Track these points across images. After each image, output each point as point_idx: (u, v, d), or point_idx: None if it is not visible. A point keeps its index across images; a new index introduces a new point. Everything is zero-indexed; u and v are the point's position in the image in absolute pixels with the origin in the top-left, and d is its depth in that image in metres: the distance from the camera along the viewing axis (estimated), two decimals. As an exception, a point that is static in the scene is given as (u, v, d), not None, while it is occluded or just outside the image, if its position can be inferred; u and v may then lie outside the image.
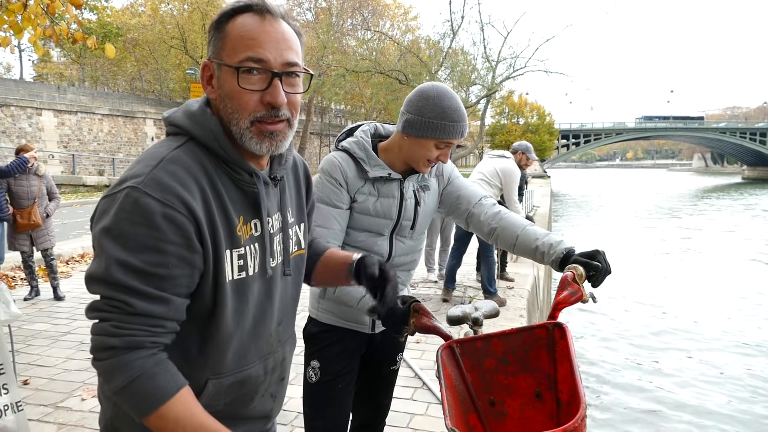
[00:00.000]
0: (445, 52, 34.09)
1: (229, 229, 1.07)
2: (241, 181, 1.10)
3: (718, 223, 26.98)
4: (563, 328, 1.43)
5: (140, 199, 0.96)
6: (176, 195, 0.98)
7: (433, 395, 3.53)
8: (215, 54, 1.07)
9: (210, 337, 1.10)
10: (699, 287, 13.55)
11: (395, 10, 50.09)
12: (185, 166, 1.02)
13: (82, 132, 28.22)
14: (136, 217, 0.96)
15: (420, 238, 1.95)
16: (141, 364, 0.97)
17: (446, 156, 1.77)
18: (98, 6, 36.55)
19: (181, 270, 1.00)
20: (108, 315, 0.98)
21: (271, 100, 1.05)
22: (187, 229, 0.99)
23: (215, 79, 1.09)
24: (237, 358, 1.15)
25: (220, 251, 1.05)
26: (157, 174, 0.99)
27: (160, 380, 0.98)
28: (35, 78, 44.47)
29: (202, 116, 1.08)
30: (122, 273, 0.96)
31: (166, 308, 1.00)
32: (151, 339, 0.99)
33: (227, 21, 1.06)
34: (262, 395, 1.24)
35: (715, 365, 8.54)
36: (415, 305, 1.56)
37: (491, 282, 5.84)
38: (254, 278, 1.13)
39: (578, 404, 1.23)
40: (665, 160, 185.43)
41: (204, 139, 1.07)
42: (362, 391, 2.04)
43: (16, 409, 2.59)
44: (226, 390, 1.15)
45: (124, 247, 0.96)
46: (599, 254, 1.60)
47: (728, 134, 75.58)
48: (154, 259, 0.97)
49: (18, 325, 4.85)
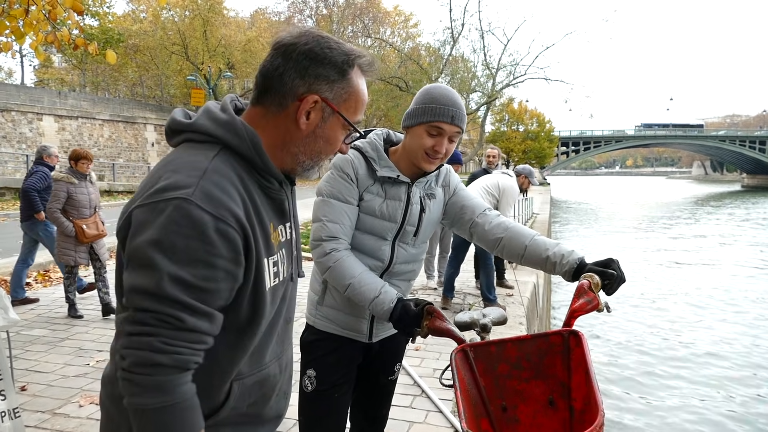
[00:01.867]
0: (446, 59, 34.21)
1: (265, 237, 1.09)
2: (270, 188, 1.12)
3: (718, 230, 26.96)
4: (579, 336, 1.43)
5: (193, 212, 0.95)
6: (227, 209, 0.98)
7: (432, 403, 3.51)
8: (335, 100, 1.11)
9: (242, 343, 1.11)
10: (699, 293, 13.52)
11: (396, 18, 50.28)
12: (228, 177, 1.02)
13: (82, 137, 28.26)
14: (188, 230, 0.94)
15: (422, 247, 1.94)
16: (182, 391, 0.96)
17: (441, 145, 1.72)
18: (100, 12, 36.68)
19: (226, 284, 1.01)
20: (156, 330, 0.94)
21: (344, 151, 1.20)
22: (237, 244, 1.00)
23: (316, 115, 1.11)
24: (257, 358, 1.17)
25: (261, 261, 1.07)
26: (206, 186, 0.98)
27: (190, 417, 0.97)
28: (36, 83, 44.55)
29: (238, 126, 1.08)
30: (174, 287, 0.94)
31: (210, 324, 0.99)
32: (195, 359, 0.98)
33: (350, 70, 1.12)
34: (277, 394, 1.27)
35: (714, 369, 8.51)
36: (429, 307, 1.56)
37: (490, 289, 5.83)
38: (284, 283, 1.17)
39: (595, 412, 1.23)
40: (665, 168, 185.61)
41: (242, 149, 1.07)
42: (360, 401, 2.03)
43: (13, 416, 2.57)
44: (249, 390, 1.17)
45: (176, 261, 0.94)
46: (613, 263, 1.60)
47: (728, 142, 75.70)
48: (204, 274, 0.96)
49: (16, 331, 4.83)
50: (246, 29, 41.70)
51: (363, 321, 1.86)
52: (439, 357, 4.32)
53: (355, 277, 1.69)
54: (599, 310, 1.54)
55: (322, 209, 1.77)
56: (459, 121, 1.73)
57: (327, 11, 43.20)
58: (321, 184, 1.82)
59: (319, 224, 1.76)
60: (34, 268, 7.61)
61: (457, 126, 1.73)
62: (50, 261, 7.95)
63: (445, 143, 1.74)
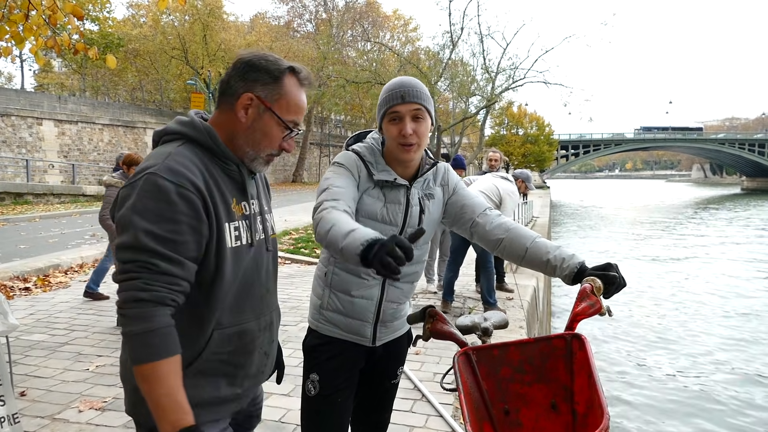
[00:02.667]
0: (445, 63, 34.23)
1: (225, 205, 1.36)
2: (231, 170, 1.41)
3: (719, 234, 26.96)
4: (582, 340, 1.43)
5: (158, 181, 1.24)
6: (186, 178, 1.27)
7: (432, 407, 3.51)
8: (268, 99, 1.38)
9: (215, 294, 1.36)
10: (700, 296, 13.52)
11: (395, 22, 50.39)
12: (189, 158, 1.32)
13: (82, 142, 28.27)
14: (155, 195, 1.23)
15: (424, 249, 1.93)
16: (160, 320, 1.20)
17: (405, 128, 1.70)
18: (100, 17, 36.78)
19: (192, 237, 1.27)
20: (137, 275, 1.21)
21: (286, 147, 1.45)
22: (196, 204, 1.27)
23: (253, 111, 1.38)
24: (235, 313, 1.42)
25: (222, 223, 1.34)
26: (168, 163, 1.28)
27: (166, 340, 1.20)
28: (36, 88, 44.61)
29: (193, 122, 1.39)
30: (148, 240, 1.21)
31: (181, 269, 1.25)
32: (171, 296, 1.23)
33: (283, 77, 1.39)
34: (258, 351, 1.51)
35: (716, 371, 8.50)
36: (431, 310, 1.56)
37: (491, 293, 5.82)
38: (246, 248, 1.42)
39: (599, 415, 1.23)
40: (664, 171, 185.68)
41: (201, 140, 1.37)
42: (362, 405, 2.02)
43: (12, 421, 2.57)
44: (229, 339, 1.41)
45: (148, 219, 1.22)
46: (612, 267, 1.60)
47: (727, 145, 75.76)
48: (172, 228, 1.23)
49: (16, 336, 4.83)
50: (246, 33, 41.75)
51: (367, 325, 1.85)
52: (439, 361, 4.31)
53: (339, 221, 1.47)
54: (602, 314, 1.54)
55: (329, 180, 1.73)
56: (411, 97, 1.72)
57: (326, 15, 43.25)
58: (324, 176, 1.82)
59: (326, 191, 1.67)
60: (35, 272, 7.60)
61: (412, 102, 1.71)
62: (50, 266, 7.95)
63: (409, 124, 1.72)
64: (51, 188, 21.20)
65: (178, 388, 1.19)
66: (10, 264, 8.11)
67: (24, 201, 19.38)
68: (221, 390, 1.42)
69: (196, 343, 1.36)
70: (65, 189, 21.62)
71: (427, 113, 1.76)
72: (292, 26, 47.14)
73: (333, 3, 43.63)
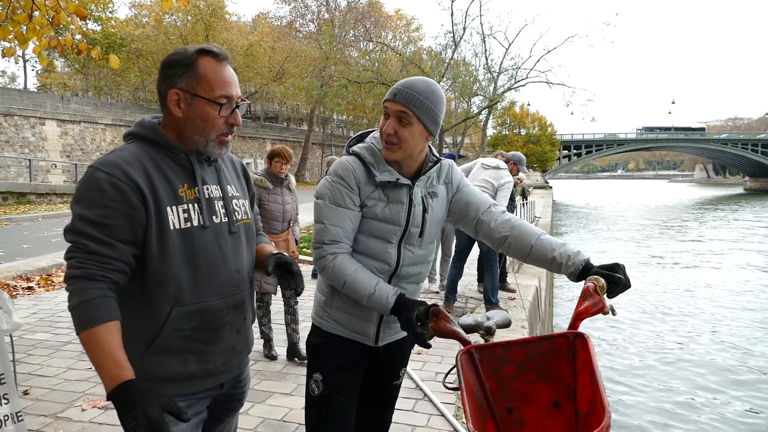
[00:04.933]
0: (447, 63, 34.21)
1: (171, 191, 1.45)
2: (180, 159, 1.50)
3: (722, 234, 26.90)
4: (584, 338, 1.43)
5: (94, 173, 1.38)
6: (119, 168, 1.38)
7: (434, 407, 3.51)
8: (190, 87, 1.46)
9: (165, 275, 1.43)
10: (703, 296, 13.49)
11: (397, 22, 50.36)
12: (131, 151, 1.45)
13: (85, 142, 28.32)
14: (91, 184, 1.37)
15: (429, 248, 1.92)
16: (92, 293, 1.31)
17: (387, 126, 1.73)
18: (102, 17, 36.80)
19: (123, 221, 1.37)
20: (73, 254, 1.35)
21: (234, 122, 1.53)
22: (125, 191, 1.37)
23: (184, 103, 1.47)
24: (196, 291, 1.48)
25: (162, 207, 1.42)
26: (109, 157, 1.42)
27: (100, 309, 1.31)
28: (39, 88, 44.68)
29: (143, 122, 1.53)
30: (81, 223, 1.35)
31: (111, 250, 1.35)
32: (101, 273, 1.33)
33: (195, 62, 1.46)
34: (228, 328, 1.57)
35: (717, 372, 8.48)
36: (434, 309, 1.57)
37: (494, 292, 5.82)
38: (199, 229, 1.48)
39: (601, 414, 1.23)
40: (667, 171, 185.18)
41: (147, 135, 1.49)
42: (364, 405, 2.01)
43: (16, 420, 2.57)
44: (189, 316, 1.47)
45: (83, 206, 1.36)
46: (619, 267, 1.60)
47: (730, 145, 75.49)
48: (103, 213, 1.35)
49: (19, 335, 4.84)
50: (248, 33, 41.79)
51: (370, 324, 1.85)
52: (441, 360, 4.31)
53: (349, 275, 1.71)
54: (605, 313, 1.54)
55: (324, 213, 1.77)
56: (401, 98, 1.70)
57: (329, 15, 43.21)
58: (320, 188, 1.82)
59: (321, 227, 1.76)
60: (37, 271, 7.62)
61: (399, 103, 1.70)
62: (53, 265, 7.97)
63: (392, 123, 1.72)
64: (54, 188, 21.25)
65: (117, 349, 1.28)
66: (14, 263, 8.13)
67: (27, 201, 19.42)
68: (189, 366, 1.50)
69: (155, 320, 1.44)
70: (68, 189, 21.64)
71: (416, 119, 1.71)
72: (295, 26, 47.15)
73: (335, 3, 43.62)
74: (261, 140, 41.34)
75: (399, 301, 1.68)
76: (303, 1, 46.10)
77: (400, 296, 1.70)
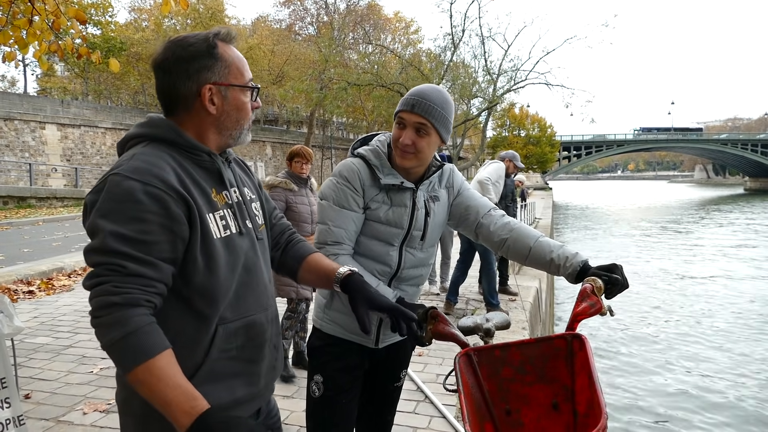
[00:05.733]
0: (446, 65, 34.26)
1: (205, 196, 1.29)
2: (203, 161, 1.33)
3: (722, 235, 26.90)
4: (582, 340, 1.44)
5: (123, 182, 1.16)
6: (154, 175, 1.19)
7: (435, 409, 3.51)
8: (222, 78, 1.31)
9: (211, 290, 1.27)
10: (703, 297, 13.49)
11: (396, 24, 50.44)
12: (156, 155, 1.24)
13: (85, 145, 28.34)
14: (122, 196, 1.16)
15: (430, 251, 1.94)
16: (138, 321, 1.11)
17: (405, 137, 1.73)
18: (102, 21, 36.85)
19: (164, 236, 1.18)
20: (107, 278, 1.13)
21: (257, 106, 1.41)
22: (165, 201, 1.18)
23: (218, 98, 1.32)
24: (239, 305, 1.34)
25: (203, 214, 1.25)
26: (133, 163, 1.20)
27: (151, 338, 1.12)
28: (39, 92, 44.73)
29: (154, 122, 1.33)
30: (115, 241, 1.13)
31: (153, 270, 1.16)
32: (145, 297, 1.14)
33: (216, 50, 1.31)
34: (269, 345, 1.43)
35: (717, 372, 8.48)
36: (432, 312, 1.57)
37: (493, 294, 5.83)
38: (238, 236, 1.34)
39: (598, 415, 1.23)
40: (667, 172, 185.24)
41: (164, 136, 1.29)
42: (366, 407, 2.02)
43: (18, 424, 2.58)
44: (235, 333, 1.33)
45: (114, 221, 1.14)
46: (617, 268, 1.61)
47: (729, 145, 75.52)
48: (140, 228, 1.15)
49: (20, 339, 4.84)
50: (247, 37, 41.82)
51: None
52: (442, 362, 4.32)
53: None
54: (602, 314, 1.54)
55: (328, 213, 1.78)
56: (420, 109, 1.71)
57: (328, 18, 43.30)
58: (324, 189, 1.83)
59: (325, 228, 1.77)
60: (38, 275, 7.63)
61: (418, 115, 1.71)
62: (54, 269, 7.97)
63: (409, 134, 1.73)
64: (54, 192, 21.27)
65: (182, 378, 1.11)
66: (14, 267, 8.13)
67: (27, 205, 19.44)
68: (237, 391, 1.34)
69: (201, 344, 1.28)
70: (68, 192, 21.68)
71: (433, 129, 1.74)
72: (294, 29, 47.22)
73: (334, 6, 43.72)
74: (261, 143, 41.35)
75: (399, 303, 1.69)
76: (302, 4, 46.23)
77: (400, 300, 1.71)
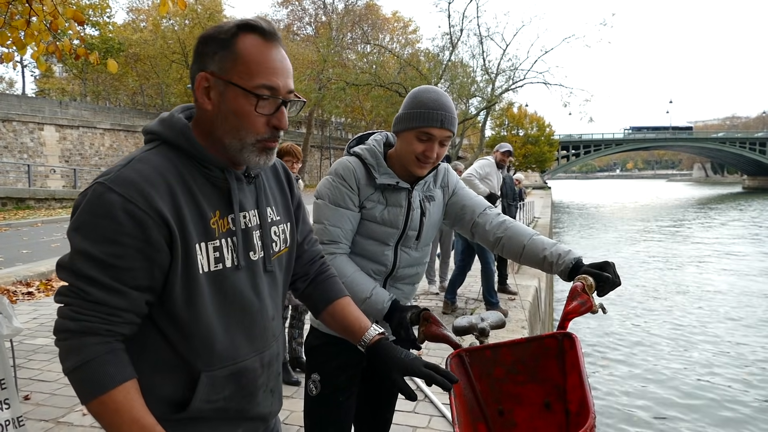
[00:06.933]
0: (445, 65, 34.25)
1: (202, 223, 1.10)
2: (214, 177, 1.14)
3: (720, 233, 26.92)
4: (573, 338, 1.43)
5: (105, 194, 1.01)
6: (138, 191, 1.02)
7: (435, 408, 3.51)
8: (223, 71, 1.09)
9: (192, 329, 1.11)
10: (700, 295, 13.50)
11: (395, 24, 50.48)
12: (153, 165, 1.07)
13: (83, 146, 28.32)
14: (99, 210, 1.01)
15: (425, 251, 1.95)
16: (94, 349, 1.01)
17: (432, 150, 1.72)
18: (100, 22, 36.81)
19: (140, 263, 1.04)
20: (69, 300, 1.03)
21: (277, 125, 1.13)
22: (145, 223, 1.02)
23: (215, 93, 1.11)
24: (229, 350, 1.16)
25: (190, 244, 1.08)
26: (125, 172, 1.04)
27: (110, 368, 1.01)
28: (37, 93, 44.64)
29: (171, 120, 1.14)
30: (83, 263, 1.01)
31: (120, 299, 1.03)
32: (105, 327, 1.03)
33: (234, 39, 1.09)
34: (263, 390, 1.26)
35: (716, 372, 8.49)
36: (425, 314, 1.58)
37: (491, 293, 5.84)
38: (232, 270, 1.15)
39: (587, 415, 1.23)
40: (665, 171, 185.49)
41: (176, 141, 1.12)
42: (364, 405, 2.03)
43: (17, 425, 2.58)
44: (223, 382, 1.16)
45: (86, 237, 1.01)
46: (609, 266, 1.61)
47: (728, 144, 75.62)
48: (113, 251, 1.01)
49: (19, 340, 4.84)
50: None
51: None
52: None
53: (348, 276, 1.73)
54: (593, 312, 1.54)
55: (324, 212, 1.79)
56: (449, 124, 1.72)
57: (326, 18, 43.31)
58: (320, 187, 1.83)
59: (321, 227, 1.78)
60: (37, 276, 7.62)
61: (447, 130, 1.72)
62: (53, 270, 7.96)
63: (436, 148, 1.74)
64: (53, 193, 21.24)
65: (140, 412, 1.01)
66: (13, 269, 8.13)
67: (26, 206, 19.41)
68: None
69: (180, 388, 1.13)
70: (67, 194, 21.65)
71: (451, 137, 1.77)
72: (292, 29, 47.23)
73: (333, 6, 43.72)
74: (259, 143, 41.25)
75: (392, 307, 1.71)
76: (300, 4, 46.26)
77: (395, 302, 1.72)
